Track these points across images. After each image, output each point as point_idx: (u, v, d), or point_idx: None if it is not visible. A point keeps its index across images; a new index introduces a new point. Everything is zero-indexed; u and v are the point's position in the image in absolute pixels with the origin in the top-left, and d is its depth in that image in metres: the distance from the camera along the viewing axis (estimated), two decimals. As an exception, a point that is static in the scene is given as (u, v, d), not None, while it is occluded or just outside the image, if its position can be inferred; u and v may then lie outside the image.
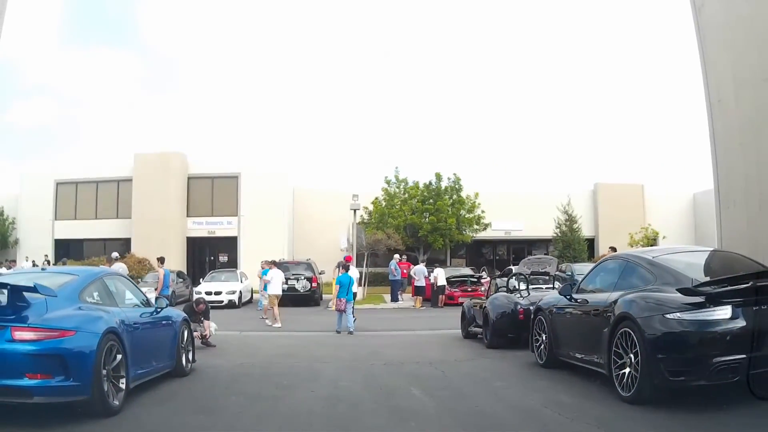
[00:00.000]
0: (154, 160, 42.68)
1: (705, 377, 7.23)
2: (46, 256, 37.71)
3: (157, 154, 43.41)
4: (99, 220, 44.00)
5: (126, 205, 43.09)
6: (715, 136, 13.78)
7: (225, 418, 7.70)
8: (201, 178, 44.35)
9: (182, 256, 40.97)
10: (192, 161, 44.38)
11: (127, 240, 41.41)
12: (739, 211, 12.90)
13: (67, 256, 32.98)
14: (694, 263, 9.05)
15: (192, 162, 44.33)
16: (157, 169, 42.18)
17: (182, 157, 44.12)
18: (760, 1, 11.81)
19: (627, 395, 7.86)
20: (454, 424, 7.39)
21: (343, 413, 7.98)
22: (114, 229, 43.28)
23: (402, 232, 40.64)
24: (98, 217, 44.18)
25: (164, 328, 9.75)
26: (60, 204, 44.57)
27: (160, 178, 42.05)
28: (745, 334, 7.24)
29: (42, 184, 43.52)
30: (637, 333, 7.75)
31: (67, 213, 44.40)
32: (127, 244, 39.22)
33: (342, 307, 18.76)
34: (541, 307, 11.34)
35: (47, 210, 43.80)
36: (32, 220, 42.97)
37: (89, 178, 44.16)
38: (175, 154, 43.76)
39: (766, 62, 11.70)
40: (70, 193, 44.73)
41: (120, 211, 43.81)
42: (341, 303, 18.79)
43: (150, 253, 35.69)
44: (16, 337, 6.58)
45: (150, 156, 43.17)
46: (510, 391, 9.30)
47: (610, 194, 48.17)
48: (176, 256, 31.34)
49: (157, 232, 40.10)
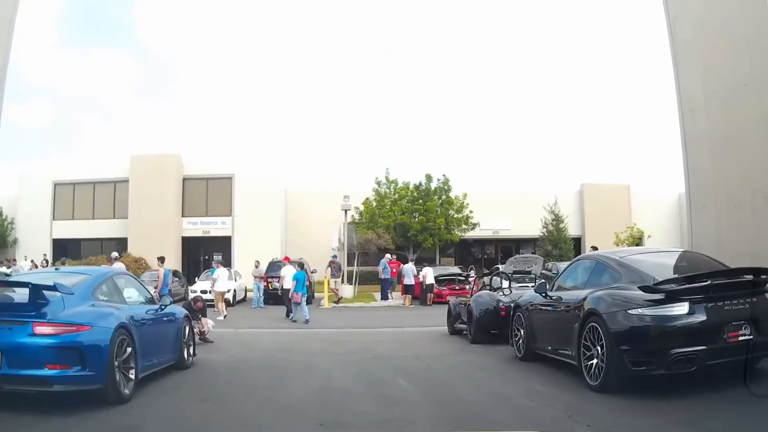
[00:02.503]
0: (151, 162, 43.15)
1: (664, 367, 7.86)
2: (45, 256, 38.11)
3: (153, 155, 43.93)
4: (96, 220, 44.46)
5: (123, 206, 43.58)
6: (687, 142, 14.46)
7: (227, 405, 8.37)
8: (196, 179, 44.88)
9: (177, 256, 41.47)
10: (187, 163, 44.84)
11: (123, 240, 41.73)
12: (708, 214, 13.57)
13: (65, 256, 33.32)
14: (659, 263, 9.60)
15: (187, 163, 44.81)
16: (154, 171, 42.69)
17: (178, 159, 44.59)
18: (728, 17, 12.43)
19: (595, 384, 8.48)
20: (435, 409, 8.07)
21: (335, 401, 8.63)
22: (111, 229, 43.72)
23: (392, 232, 41.14)
24: (95, 217, 44.65)
25: (168, 324, 10.39)
26: (58, 204, 44.97)
27: (156, 179, 42.58)
28: (701, 328, 7.88)
29: (40, 184, 43.93)
30: (603, 327, 8.39)
31: (65, 213, 44.83)
32: (123, 244, 39.67)
33: (298, 300, 21.62)
34: (520, 305, 11.95)
35: (45, 210, 44.23)
36: (31, 220, 43.36)
37: (87, 178, 44.63)
38: (170, 156, 44.28)
39: (733, 74, 12.35)
40: (67, 193, 45.16)
41: (117, 211, 44.28)
42: (298, 296, 21.62)
43: (146, 252, 36.28)
44: (37, 332, 7.22)
45: (146, 157, 43.65)
46: (489, 381, 9.97)
47: (596, 194, 48.73)
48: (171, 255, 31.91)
49: (153, 232, 40.54)
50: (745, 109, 12.14)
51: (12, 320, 7.31)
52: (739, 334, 8.03)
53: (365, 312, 27.61)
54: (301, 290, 21.81)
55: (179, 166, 44.52)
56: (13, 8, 13.85)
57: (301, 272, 22.43)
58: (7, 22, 13.57)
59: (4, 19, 13.46)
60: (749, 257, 10.82)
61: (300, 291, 21.80)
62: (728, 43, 12.60)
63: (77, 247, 43.47)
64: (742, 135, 12.33)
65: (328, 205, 40.52)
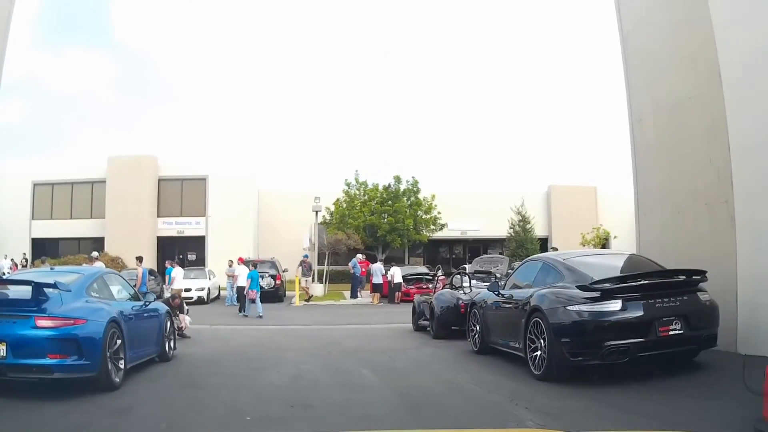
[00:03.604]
0: (127, 163, 43.49)
1: (598, 358, 8.74)
2: (24, 255, 38.43)
3: (129, 156, 44.24)
4: (74, 220, 44.71)
5: (100, 206, 43.87)
6: (636, 151, 14.94)
7: (208, 391, 9.25)
8: (171, 179, 45.20)
9: (153, 255, 41.76)
10: (162, 164, 45.09)
11: (100, 239, 42.03)
12: (653, 219, 14.15)
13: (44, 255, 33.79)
14: (599, 265, 10.46)
15: (162, 165, 45.06)
16: (130, 172, 43.04)
17: (153, 160, 44.89)
18: (675, 35, 12.96)
19: (538, 373, 9.33)
20: (393, 394, 8.95)
21: (305, 387, 9.54)
22: (88, 229, 43.98)
23: (361, 232, 41.91)
24: (73, 217, 44.90)
25: (152, 319, 11.18)
26: (37, 204, 45.19)
27: (133, 180, 42.89)
28: (633, 322, 8.77)
29: (19, 184, 44.00)
30: (545, 322, 9.23)
31: (43, 213, 45.07)
32: (100, 243, 40.03)
33: (253, 296, 23.63)
34: (475, 302, 12.79)
35: (25, 210, 44.42)
36: (10, 220, 43.30)
37: (65, 179, 44.88)
38: (146, 157, 44.60)
39: (679, 88, 12.86)
40: (46, 193, 45.42)
41: (94, 211, 44.51)
42: (252, 293, 23.69)
43: (122, 251, 36.79)
44: (39, 325, 8.02)
45: (123, 158, 43.96)
46: (444, 371, 10.87)
47: (563, 196, 49.34)
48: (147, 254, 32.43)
49: (130, 232, 41.01)
50: (689, 122, 12.63)
51: (16, 314, 8.09)
52: (669, 329, 8.88)
53: (335, 310, 28.29)
54: (255, 287, 23.83)
55: (155, 167, 44.83)
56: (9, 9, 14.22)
57: (254, 271, 24.43)
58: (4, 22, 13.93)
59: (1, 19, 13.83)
60: (690, 260, 11.31)
61: (254, 288, 23.82)
62: (675, 59, 13.08)
63: (56, 247, 43.70)
64: (685, 145, 12.81)
65: (299, 205, 41.05)
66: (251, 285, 23.96)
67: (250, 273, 24.40)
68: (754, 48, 10.44)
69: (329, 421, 7.35)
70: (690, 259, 11.38)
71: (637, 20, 14.88)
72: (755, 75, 10.47)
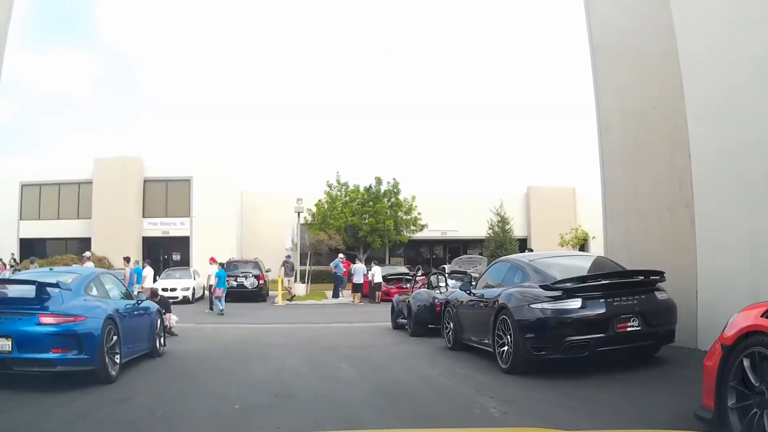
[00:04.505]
0: (114, 164, 44.02)
1: (560, 352, 9.38)
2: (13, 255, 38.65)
3: (116, 158, 44.71)
4: (61, 221, 45.24)
5: (87, 206, 44.41)
6: (603, 157, 15.35)
7: (198, 382, 9.93)
8: (156, 181, 45.80)
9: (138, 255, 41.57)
10: (148, 165, 45.63)
11: (87, 239, 42.39)
12: (620, 222, 14.61)
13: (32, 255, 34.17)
14: (564, 266, 11.04)
15: (148, 166, 45.60)
16: (116, 173, 43.60)
17: (139, 162, 45.42)
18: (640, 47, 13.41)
19: (505, 367, 9.96)
20: (369, 384, 9.63)
21: (288, 379, 10.21)
22: (75, 229, 44.50)
23: (343, 233, 42.60)
24: (60, 217, 45.45)
25: (144, 317, 11.78)
26: (25, 204, 45.61)
27: (119, 181, 43.48)
28: (593, 319, 9.38)
29: (7, 185, 44.37)
30: (511, 319, 9.85)
31: (31, 213, 45.51)
32: (87, 244, 40.31)
33: (219, 294, 24.84)
34: (449, 301, 13.45)
35: (13, 210, 44.86)
36: (-2, 220, 43.83)
37: (52, 180, 45.33)
38: (132, 159, 45.14)
39: (643, 97, 13.35)
40: (34, 194, 45.86)
41: (81, 211, 45.10)
42: (219, 291, 24.90)
43: (109, 252, 37.24)
44: (42, 322, 8.60)
45: (109, 160, 44.45)
46: (419, 366, 11.47)
47: (542, 197, 50.07)
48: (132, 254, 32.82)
49: (116, 232, 41.51)
50: (652, 129, 13.05)
51: (21, 312, 8.67)
52: (627, 325, 9.49)
53: (317, 309, 28.86)
54: (222, 286, 25.03)
55: (140, 168, 45.37)
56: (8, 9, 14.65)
57: (221, 270, 25.73)
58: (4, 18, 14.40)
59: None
60: (654, 260, 11.67)
61: (221, 287, 25.02)
62: (640, 70, 13.49)
63: (43, 247, 44.12)
64: (649, 152, 13.22)
65: (282, 206, 41.64)
66: (218, 284, 25.01)
67: (218, 272, 25.42)
68: (714, 61, 10.90)
69: (311, 408, 7.97)
70: (654, 260, 11.79)
71: (605, 32, 15.26)
72: (714, 87, 10.95)
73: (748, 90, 10.01)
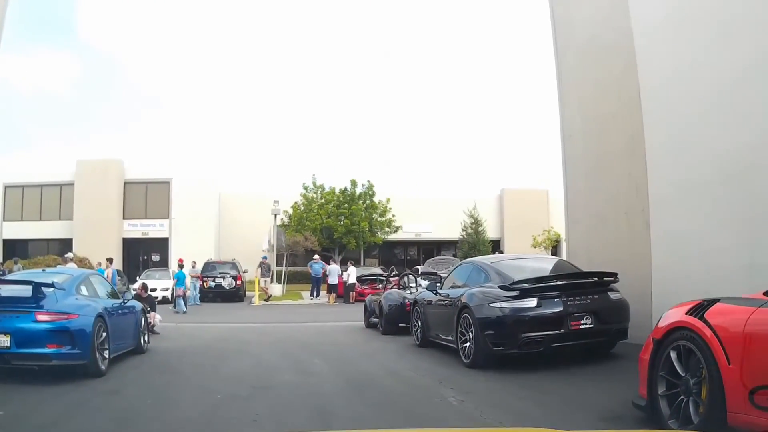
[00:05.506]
0: (95, 166, 44.57)
1: (517, 347, 10.06)
2: None
3: (97, 160, 45.30)
4: (43, 222, 45.68)
5: (68, 208, 44.91)
6: (566, 164, 15.92)
7: (182, 376, 10.67)
8: (136, 183, 46.36)
9: (118, 256, 42.57)
10: (128, 167, 46.21)
11: (69, 240, 42.65)
12: (581, 227, 15.18)
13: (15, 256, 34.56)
14: (524, 267, 11.72)
15: (128, 168, 46.19)
16: (97, 175, 44.13)
17: (119, 164, 45.99)
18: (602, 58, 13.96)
19: (467, 362, 10.61)
20: (340, 377, 10.33)
21: (265, 373, 10.92)
22: (57, 230, 44.87)
23: (318, 234, 43.11)
24: (43, 218, 45.84)
25: (130, 315, 12.42)
26: (8, 206, 45.97)
27: (100, 183, 44.02)
28: (547, 317, 10.06)
29: (-9, 186, 44.49)
30: (472, 317, 10.53)
31: (14, 214, 45.91)
32: (68, 245, 40.42)
33: (180, 293, 26.57)
34: (417, 300, 14.11)
35: (-4, 211, 44.93)
36: (-19, 221, 43.80)
37: (35, 181, 45.76)
38: (113, 161, 45.70)
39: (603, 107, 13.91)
40: (17, 195, 46.35)
41: (62, 213, 45.50)
42: (180, 290, 26.65)
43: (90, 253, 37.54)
44: (38, 319, 9.26)
45: (91, 162, 45.00)
46: (387, 361, 12.17)
47: (515, 199, 50.78)
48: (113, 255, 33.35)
49: (97, 233, 42.06)
50: (611, 138, 13.57)
51: (18, 310, 9.31)
52: (580, 323, 10.16)
53: (293, 309, 29.47)
54: (181, 286, 26.89)
55: (121, 170, 45.94)
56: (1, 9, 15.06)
57: (180, 272, 27.40)
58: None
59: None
60: (612, 262, 12.14)
61: (180, 287, 26.85)
62: (602, 80, 13.99)
63: (25, 248, 44.39)
64: (609, 159, 13.71)
65: (259, 209, 42.09)
66: (177, 284, 26.85)
67: (177, 273, 27.15)
68: (670, 75, 11.41)
69: (286, 397, 8.69)
70: (612, 262, 12.33)
71: (569, 43, 15.79)
72: (669, 99, 11.45)
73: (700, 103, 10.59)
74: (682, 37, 11.13)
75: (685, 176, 11.02)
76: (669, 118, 11.53)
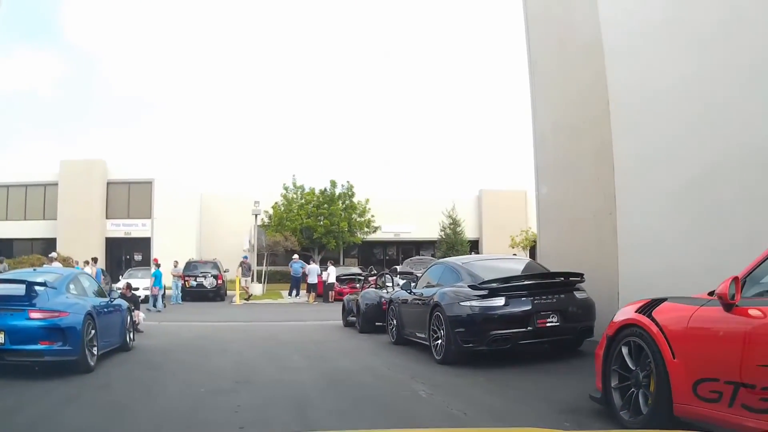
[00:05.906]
0: (79, 167, 44.85)
1: (485, 344, 10.50)
2: None
3: (81, 161, 45.59)
4: (28, 221, 45.86)
5: (52, 208, 45.20)
6: (538, 167, 16.31)
7: (167, 371, 11.16)
8: (119, 183, 46.71)
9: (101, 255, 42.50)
10: (111, 167, 46.47)
11: (52, 240, 43.01)
12: (552, 229, 15.64)
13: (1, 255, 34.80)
14: (494, 268, 12.13)
15: (111, 168, 46.46)
16: (81, 175, 44.43)
17: (103, 164, 46.30)
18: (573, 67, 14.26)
19: (439, 358, 11.02)
20: (317, 372, 10.78)
21: (246, 368, 11.38)
22: (41, 230, 45.13)
23: (298, 235, 43.46)
24: (27, 218, 46.07)
25: (116, 313, 12.82)
26: (-8, 205, 45.88)
27: (83, 183, 44.31)
28: (515, 315, 10.49)
29: (-24, 186, 44.63)
30: (443, 315, 10.94)
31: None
32: (52, 244, 40.84)
33: (155, 292, 27.19)
34: (392, 299, 14.51)
35: (-19, 211, 45.00)
36: (-34, 221, 43.90)
37: (19, 182, 46.03)
38: (96, 161, 46.01)
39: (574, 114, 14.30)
40: (1, 195, 46.45)
41: (46, 212, 45.77)
42: (155, 289, 27.26)
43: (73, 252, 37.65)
44: (31, 317, 9.68)
45: (74, 163, 45.29)
46: (363, 357, 12.67)
47: (494, 200, 51.19)
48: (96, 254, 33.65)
49: (80, 233, 42.27)
50: (581, 144, 13.91)
51: (12, 308, 9.71)
52: (547, 321, 10.60)
53: (273, 308, 29.80)
54: (158, 285, 27.46)
55: (104, 170, 46.27)
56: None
57: (157, 271, 27.97)
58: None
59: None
60: (581, 264, 12.35)
61: (157, 285, 27.44)
62: (573, 88, 14.27)
63: (10, 247, 44.17)
64: (578, 165, 14.07)
65: (240, 209, 42.41)
66: (154, 282, 27.35)
67: (154, 272, 27.69)
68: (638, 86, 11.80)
69: (266, 391, 9.18)
70: (581, 263, 12.49)
71: (542, 50, 16.17)
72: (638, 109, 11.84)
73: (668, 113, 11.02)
74: (650, 47, 11.54)
75: (651, 184, 11.43)
76: (637, 129, 11.91)
